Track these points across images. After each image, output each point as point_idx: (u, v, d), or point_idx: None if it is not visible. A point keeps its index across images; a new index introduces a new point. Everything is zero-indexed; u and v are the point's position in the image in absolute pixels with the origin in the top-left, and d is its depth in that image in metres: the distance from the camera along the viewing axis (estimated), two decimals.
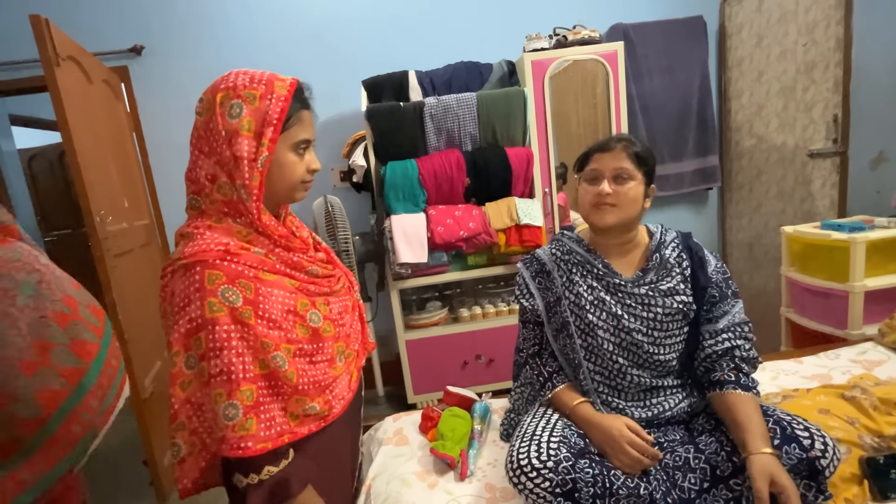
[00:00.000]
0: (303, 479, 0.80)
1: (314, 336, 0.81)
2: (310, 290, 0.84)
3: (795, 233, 1.90)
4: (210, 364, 0.73)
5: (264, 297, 0.76)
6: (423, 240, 2.08)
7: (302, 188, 0.86)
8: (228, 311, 0.73)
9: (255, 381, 0.74)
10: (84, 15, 2.33)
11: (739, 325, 1.03)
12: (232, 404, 0.72)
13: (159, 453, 1.94)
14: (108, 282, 1.74)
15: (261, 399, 0.74)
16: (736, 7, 2.58)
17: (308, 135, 0.84)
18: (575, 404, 1.03)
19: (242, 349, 0.73)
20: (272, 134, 0.76)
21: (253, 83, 0.77)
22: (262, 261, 0.79)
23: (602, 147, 1.05)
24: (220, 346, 0.72)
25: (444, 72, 2.31)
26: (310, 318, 0.81)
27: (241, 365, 0.73)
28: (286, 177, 0.82)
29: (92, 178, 1.74)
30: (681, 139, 2.67)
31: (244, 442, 0.72)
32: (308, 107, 0.85)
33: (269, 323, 0.76)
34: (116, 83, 2.32)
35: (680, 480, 0.92)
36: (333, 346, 0.85)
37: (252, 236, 0.80)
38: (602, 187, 1.01)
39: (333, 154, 2.57)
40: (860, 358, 1.44)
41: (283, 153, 0.81)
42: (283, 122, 0.77)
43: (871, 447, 1.05)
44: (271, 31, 2.45)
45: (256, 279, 0.77)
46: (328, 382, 0.84)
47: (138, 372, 1.85)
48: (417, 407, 2.26)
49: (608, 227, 1.03)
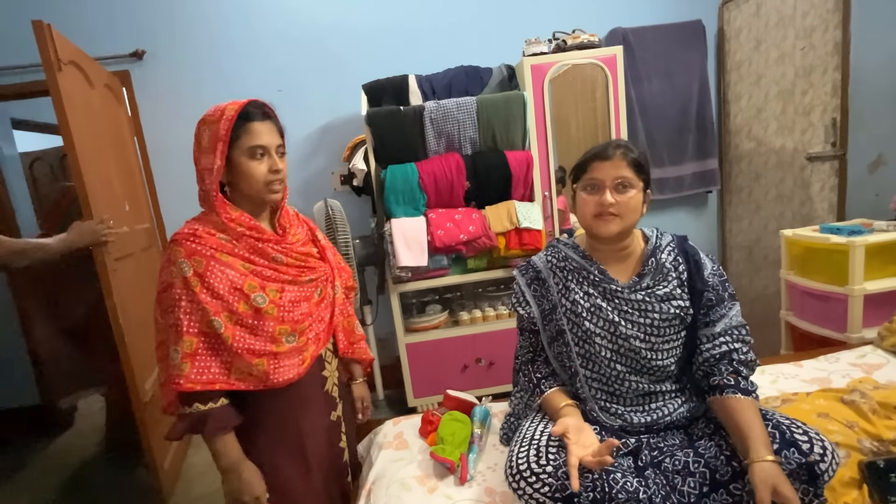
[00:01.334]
0: (224, 425, 0.96)
1: (256, 314, 0.96)
2: (265, 275, 0.99)
3: (794, 236, 1.91)
4: (167, 317, 0.95)
5: (212, 272, 0.94)
6: (423, 243, 2.08)
7: (268, 189, 0.99)
8: (181, 279, 0.93)
9: (196, 335, 0.93)
10: (86, 19, 2.35)
11: (736, 329, 1.03)
12: (175, 349, 0.93)
13: (160, 456, 1.94)
14: (109, 285, 1.74)
15: (199, 350, 0.93)
16: (734, 11, 2.59)
17: (259, 142, 0.96)
18: (561, 407, 1.03)
19: (189, 309, 0.93)
20: (221, 146, 0.94)
21: (215, 111, 0.95)
22: (222, 244, 0.96)
23: (600, 155, 1.03)
24: (174, 304, 0.93)
25: (444, 76, 2.32)
26: (254, 299, 0.96)
27: (186, 321, 0.92)
28: (249, 179, 0.97)
29: (93, 181, 1.75)
30: (680, 143, 2.67)
31: (178, 379, 0.92)
32: (258, 118, 0.97)
33: (211, 293, 0.93)
34: (118, 87, 2.33)
35: (679, 484, 0.92)
36: (276, 326, 0.98)
37: (224, 226, 0.97)
38: (605, 197, 1.00)
39: (334, 158, 2.57)
40: (859, 361, 1.44)
41: (241, 160, 0.96)
42: (228, 136, 0.93)
43: (871, 451, 1.05)
44: (271, 36, 2.46)
45: (211, 258, 0.94)
46: (268, 354, 0.97)
47: (139, 375, 1.85)
48: (417, 410, 2.26)
49: (612, 236, 1.02)
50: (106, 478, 2.24)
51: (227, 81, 2.46)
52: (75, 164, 1.66)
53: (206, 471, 2.17)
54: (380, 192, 2.16)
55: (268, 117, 0.99)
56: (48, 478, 2.29)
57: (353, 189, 2.45)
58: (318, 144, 2.58)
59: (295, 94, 2.51)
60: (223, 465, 0.98)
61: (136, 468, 2.18)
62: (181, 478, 2.13)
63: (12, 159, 2.79)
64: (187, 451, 2.33)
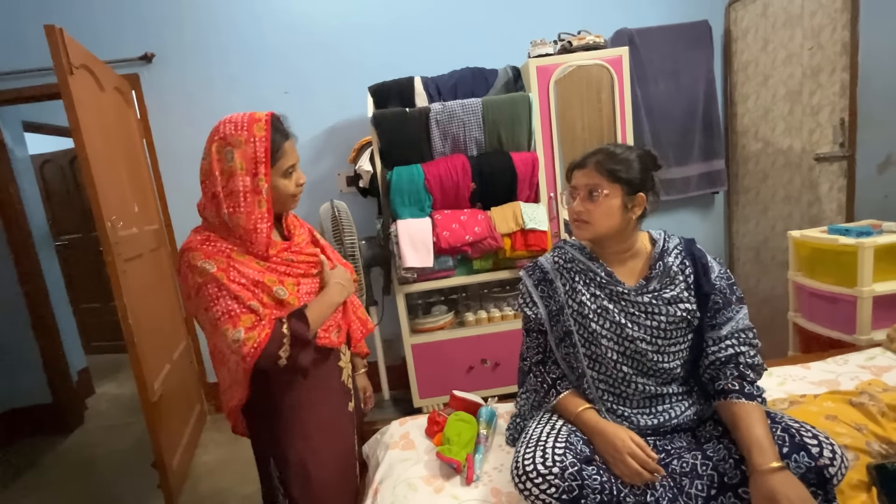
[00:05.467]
0: (302, 316, 0.99)
1: (279, 305, 0.99)
2: (279, 271, 1.02)
3: (802, 237, 1.89)
4: (211, 312, 0.94)
5: (234, 268, 0.96)
6: (429, 244, 2.09)
7: (293, 200, 1.05)
8: (210, 275, 0.94)
9: (248, 313, 0.94)
10: (96, 23, 2.38)
11: (743, 332, 1.03)
12: (238, 331, 0.93)
13: (168, 456, 1.95)
14: (119, 286, 1.76)
15: (254, 323, 0.95)
16: (741, 11, 2.58)
17: (293, 160, 1.01)
18: (579, 410, 1.03)
19: (228, 297, 0.94)
20: (265, 169, 0.95)
21: (238, 130, 0.95)
22: (235, 246, 0.99)
23: (578, 163, 1.08)
24: (216, 297, 0.94)
25: (450, 78, 2.33)
26: (276, 292, 0.99)
27: (235, 305, 0.94)
28: (280, 197, 1.01)
29: (103, 183, 1.77)
30: (687, 143, 2.66)
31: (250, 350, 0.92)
32: (287, 136, 1.01)
33: (239, 285, 0.95)
34: (127, 91, 2.36)
35: (687, 487, 0.92)
36: None
37: (230, 232, 0.98)
38: (574, 205, 1.06)
39: (340, 159, 2.59)
40: (868, 363, 1.43)
41: (276, 180, 0.99)
42: (270, 157, 0.96)
43: (879, 454, 1.04)
44: (279, 38, 2.48)
45: (228, 257, 0.97)
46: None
47: (148, 375, 1.86)
48: (423, 411, 2.26)
49: (586, 241, 1.10)
50: (115, 476, 2.26)
51: (235, 84, 2.49)
52: (86, 166, 1.68)
53: (214, 470, 2.19)
54: (385, 194, 2.17)
55: (289, 132, 1.03)
56: (59, 476, 2.32)
57: (359, 190, 2.46)
58: (324, 146, 2.59)
59: (302, 95, 2.53)
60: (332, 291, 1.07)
61: (143, 468, 2.20)
62: (189, 477, 2.15)
63: (23, 161, 2.82)
64: (195, 451, 2.35)
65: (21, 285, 2.62)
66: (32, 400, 2.71)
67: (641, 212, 1.05)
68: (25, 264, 2.62)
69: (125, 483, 2.19)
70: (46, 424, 2.70)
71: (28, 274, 2.63)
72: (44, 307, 2.68)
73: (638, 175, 1.03)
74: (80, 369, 2.98)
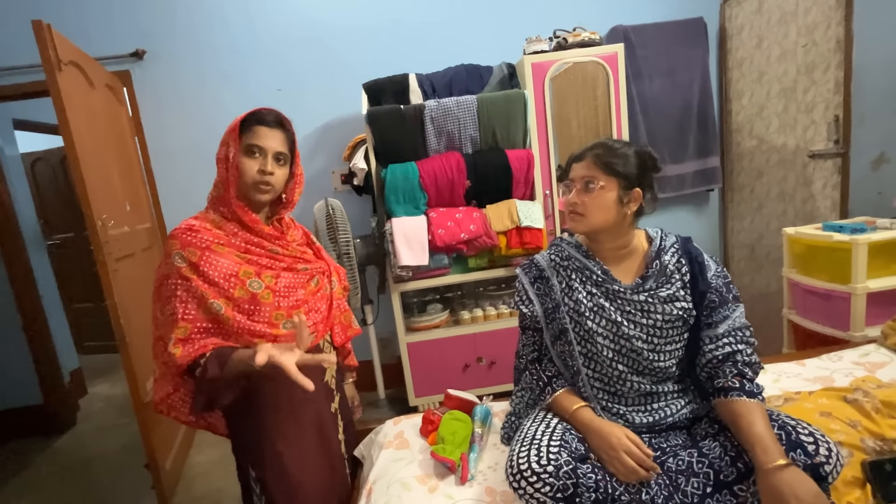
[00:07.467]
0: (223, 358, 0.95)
1: (252, 299, 1.00)
2: (261, 263, 1.03)
3: (797, 234, 1.90)
4: (164, 309, 0.99)
5: (206, 261, 0.98)
6: (424, 242, 2.08)
7: (256, 189, 1.02)
8: (177, 269, 0.97)
9: (191, 321, 0.97)
10: (86, 19, 2.35)
11: (740, 330, 1.02)
12: (170, 338, 0.96)
13: (161, 456, 1.94)
14: (110, 285, 1.74)
15: (192, 336, 0.97)
16: (736, 8, 2.58)
17: (258, 142, 1.01)
18: (575, 408, 1.03)
19: (185, 297, 0.97)
20: (233, 135, 1.00)
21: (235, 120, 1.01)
22: (219, 236, 1.01)
23: (577, 156, 1.08)
24: (171, 295, 0.98)
25: (445, 75, 2.31)
26: (249, 284, 1.00)
27: (181, 309, 0.96)
28: (242, 175, 1.01)
29: (94, 182, 1.75)
30: (681, 141, 2.66)
31: (173, 360, 0.95)
32: (263, 123, 1.02)
33: (206, 280, 0.97)
34: (118, 87, 2.33)
35: (683, 485, 0.92)
36: (272, 312, 1.02)
37: (222, 222, 1.03)
38: (569, 197, 1.06)
39: (334, 157, 2.57)
40: (862, 360, 1.43)
41: (240, 158, 1.01)
42: (238, 130, 1.00)
43: (874, 450, 1.04)
44: (272, 35, 2.46)
45: (206, 248, 0.98)
46: (267, 336, 1.01)
47: (140, 375, 1.85)
48: (418, 410, 2.26)
49: (581, 234, 1.09)
50: (108, 477, 2.24)
51: (227, 81, 2.46)
52: (76, 164, 1.66)
53: (207, 470, 2.17)
54: (380, 192, 2.16)
55: (280, 126, 1.03)
56: (51, 477, 2.30)
57: (354, 188, 2.44)
58: (318, 144, 2.58)
59: (295, 93, 2.51)
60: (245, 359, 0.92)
61: (136, 469, 2.18)
62: (182, 477, 2.14)
63: (14, 160, 2.78)
64: (189, 451, 2.33)
65: (12, 286, 2.59)
66: (24, 401, 2.69)
67: (637, 208, 1.04)
68: (16, 264, 2.59)
69: (118, 484, 2.17)
70: (38, 425, 2.68)
71: (18, 274, 2.60)
72: (35, 308, 2.65)
73: (634, 170, 1.03)
74: (72, 370, 2.96)
